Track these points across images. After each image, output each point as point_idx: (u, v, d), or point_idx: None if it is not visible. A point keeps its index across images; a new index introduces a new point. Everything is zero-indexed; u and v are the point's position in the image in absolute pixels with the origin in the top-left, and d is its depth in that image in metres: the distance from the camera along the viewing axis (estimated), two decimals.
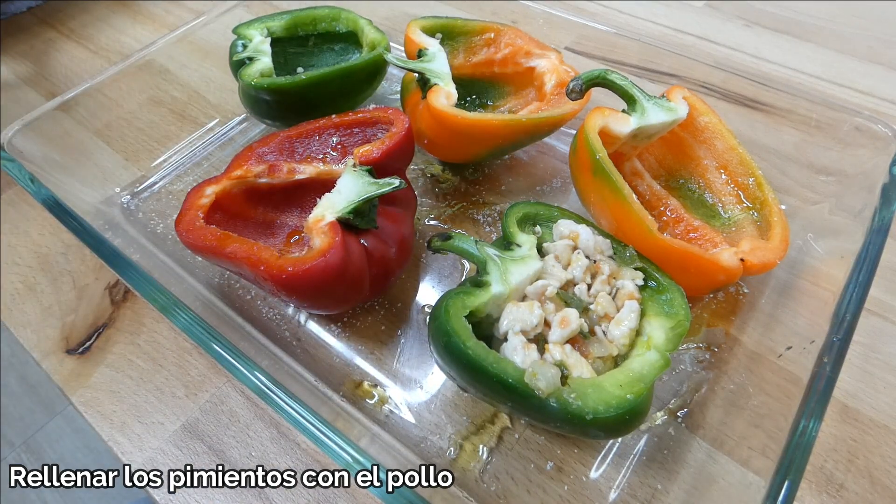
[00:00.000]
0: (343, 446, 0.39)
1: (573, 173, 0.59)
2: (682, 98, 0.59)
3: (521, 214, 0.52)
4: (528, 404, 0.41)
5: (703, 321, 0.55)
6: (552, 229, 0.52)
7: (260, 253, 0.47)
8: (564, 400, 0.40)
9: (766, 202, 0.56)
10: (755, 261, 0.50)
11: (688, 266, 0.50)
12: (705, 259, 0.50)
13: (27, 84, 0.87)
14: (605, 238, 0.51)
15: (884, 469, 0.48)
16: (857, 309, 0.43)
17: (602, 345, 0.45)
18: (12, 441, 1.62)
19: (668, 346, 0.44)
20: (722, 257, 0.50)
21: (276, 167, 0.56)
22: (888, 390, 0.52)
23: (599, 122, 0.56)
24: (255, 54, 0.68)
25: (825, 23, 0.92)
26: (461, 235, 0.49)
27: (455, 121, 0.58)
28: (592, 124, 0.55)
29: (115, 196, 0.68)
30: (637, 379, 0.42)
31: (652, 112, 0.56)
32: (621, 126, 0.56)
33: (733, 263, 0.50)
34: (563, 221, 0.51)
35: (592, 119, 0.56)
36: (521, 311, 0.45)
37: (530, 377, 0.40)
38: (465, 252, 0.49)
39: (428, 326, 0.46)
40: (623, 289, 0.48)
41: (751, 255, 0.51)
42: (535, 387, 0.40)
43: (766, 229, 0.55)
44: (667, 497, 0.45)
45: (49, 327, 0.60)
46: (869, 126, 0.56)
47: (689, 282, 0.51)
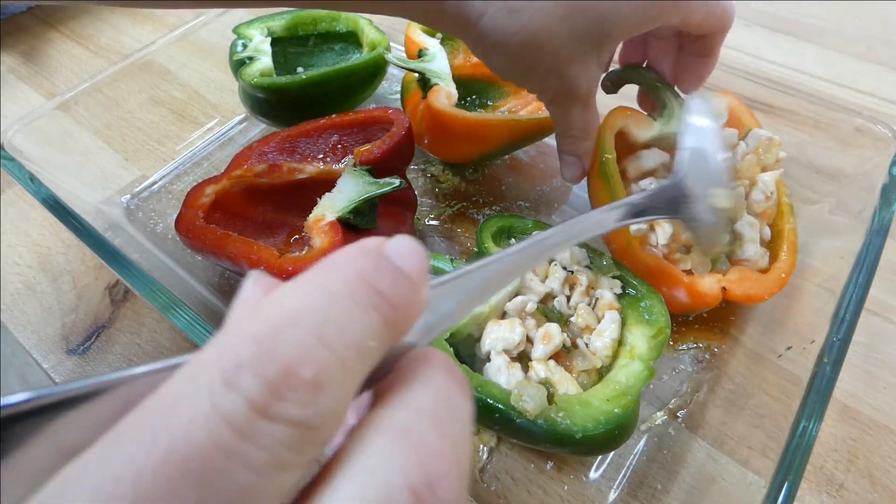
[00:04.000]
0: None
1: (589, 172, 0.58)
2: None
3: (496, 228, 0.52)
4: (515, 426, 0.40)
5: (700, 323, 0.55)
6: None
7: (260, 252, 0.47)
8: (553, 419, 0.40)
9: (782, 234, 0.53)
10: (737, 292, 0.49)
11: (667, 285, 0.50)
12: (683, 282, 0.49)
13: (27, 84, 0.87)
14: (581, 248, 0.50)
15: (884, 469, 0.48)
16: (857, 309, 0.43)
17: (585, 358, 0.45)
18: None
19: (651, 355, 0.44)
20: (702, 282, 0.49)
21: (276, 167, 0.56)
22: (888, 390, 0.52)
23: (619, 123, 0.54)
24: (255, 54, 0.68)
25: (825, 23, 0.92)
26: (437, 255, 0.49)
27: (455, 121, 0.58)
28: (612, 123, 0.54)
29: (115, 196, 0.68)
30: (623, 392, 0.42)
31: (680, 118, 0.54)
32: (643, 131, 0.54)
33: (713, 291, 0.49)
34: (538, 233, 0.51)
35: (613, 118, 0.54)
36: (502, 330, 0.44)
37: (517, 399, 0.40)
38: (440, 272, 0.48)
39: None
40: (602, 299, 0.48)
41: (734, 286, 0.49)
42: (522, 409, 0.39)
43: (771, 259, 0.53)
44: (667, 497, 0.45)
45: (49, 327, 0.60)
46: (869, 126, 0.56)
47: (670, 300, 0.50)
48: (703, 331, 0.54)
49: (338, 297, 0.15)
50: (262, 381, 0.13)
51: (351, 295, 0.16)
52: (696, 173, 0.42)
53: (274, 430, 0.13)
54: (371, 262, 0.17)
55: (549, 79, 0.45)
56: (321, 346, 0.14)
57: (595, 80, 0.48)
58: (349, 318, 0.15)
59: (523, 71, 0.46)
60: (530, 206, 0.66)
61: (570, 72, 0.45)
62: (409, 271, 0.17)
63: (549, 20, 0.42)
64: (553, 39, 0.43)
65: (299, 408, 0.14)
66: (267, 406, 0.13)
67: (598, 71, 0.47)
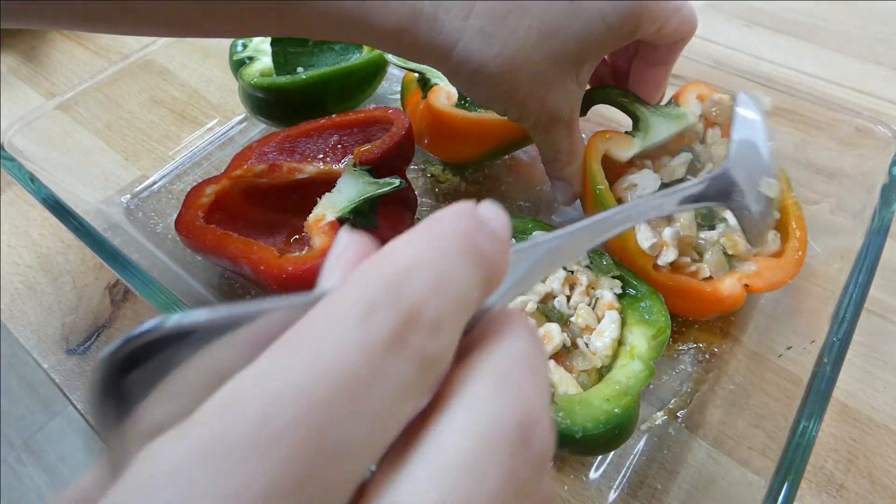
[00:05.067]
0: None
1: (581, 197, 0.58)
2: (695, 98, 0.56)
3: None
4: None
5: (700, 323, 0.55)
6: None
7: (260, 252, 0.47)
8: (552, 419, 0.40)
9: (786, 208, 0.52)
10: (760, 285, 0.48)
11: (688, 298, 0.49)
12: (705, 292, 0.49)
13: (27, 84, 0.87)
14: None
15: (884, 469, 0.48)
16: (857, 309, 0.43)
17: (585, 358, 0.45)
18: (12, 441, 1.62)
19: (651, 355, 0.44)
20: (723, 286, 0.49)
21: (276, 166, 0.56)
22: (888, 390, 0.52)
23: (601, 149, 0.54)
24: (255, 54, 0.68)
25: (825, 23, 0.92)
26: None
27: (455, 121, 0.58)
28: (595, 151, 0.53)
29: (115, 196, 0.68)
30: (623, 392, 0.42)
31: (657, 127, 0.54)
32: (624, 151, 0.54)
33: (735, 291, 0.48)
34: (538, 233, 0.51)
35: (594, 146, 0.53)
36: None
37: None
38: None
39: None
40: (602, 299, 0.47)
41: (755, 280, 0.49)
42: None
43: (782, 239, 0.52)
44: (667, 497, 0.45)
45: (49, 327, 0.60)
46: (869, 126, 0.56)
47: (692, 310, 0.50)
48: (703, 331, 0.54)
49: (449, 252, 0.17)
50: (397, 316, 0.15)
51: (460, 251, 0.18)
52: (746, 163, 0.43)
53: (406, 360, 0.15)
54: (472, 224, 0.19)
55: (529, 103, 0.45)
56: (439, 293, 0.16)
57: (576, 100, 0.47)
58: (459, 270, 0.17)
59: (503, 97, 0.45)
60: (530, 206, 0.66)
61: (549, 95, 0.44)
62: (501, 234, 0.19)
63: (523, 44, 0.41)
64: (529, 62, 0.42)
65: (425, 342, 0.16)
66: (402, 338, 0.15)
67: (578, 91, 0.46)
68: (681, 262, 0.51)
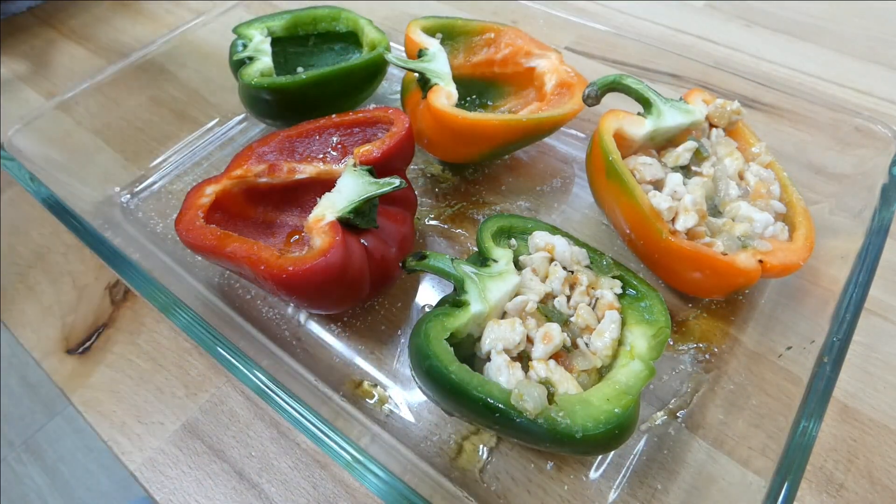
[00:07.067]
0: (343, 446, 0.39)
1: (589, 176, 0.59)
2: (700, 101, 0.59)
3: (496, 228, 0.52)
4: (516, 426, 0.40)
5: (700, 323, 0.55)
6: (527, 242, 0.51)
7: (260, 252, 0.47)
8: (553, 419, 0.39)
9: (791, 203, 0.54)
10: (775, 262, 0.49)
11: (703, 269, 0.50)
12: (721, 262, 0.49)
13: (27, 84, 0.87)
14: (581, 248, 0.50)
15: (884, 469, 0.48)
16: (857, 309, 0.43)
17: (585, 358, 0.45)
18: (12, 441, 1.62)
19: (651, 355, 0.44)
20: (739, 259, 0.49)
21: (276, 167, 0.56)
22: (888, 390, 0.52)
23: (614, 125, 0.56)
24: (256, 54, 0.68)
25: (825, 23, 0.92)
26: (436, 254, 0.48)
27: (455, 121, 0.58)
28: (607, 127, 0.55)
29: (114, 196, 0.68)
30: (623, 391, 0.42)
31: (668, 114, 0.56)
32: (636, 129, 0.56)
33: (751, 265, 0.48)
34: (538, 233, 0.51)
35: (607, 121, 0.56)
36: (502, 330, 0.44)
37: (517, 398, 0.39)
38: (441, 271, 0.47)
39: (409, 351, 0.46)
40: (602, 299, 0.48)
41: (770, 257, 0.49)
42: (522, 408, 0.39)
43: (790, 230, 0.53)
44: (667, 497, 0.45)
45: (49, 327, 0.60)
46: (869, 126, 0.56)
47: (705, 284, 0.50)
48: (703, 331, 0.54)
49: None
50: None
51: None
52: None
53: None
54: None
55: None
56: None
57: None
58: None
59: None
60: (530, 206, 0.66)
61: None
62: None
63: None
64: None
65: None
66: None
67: None
68: (697, 231, 0.51)
